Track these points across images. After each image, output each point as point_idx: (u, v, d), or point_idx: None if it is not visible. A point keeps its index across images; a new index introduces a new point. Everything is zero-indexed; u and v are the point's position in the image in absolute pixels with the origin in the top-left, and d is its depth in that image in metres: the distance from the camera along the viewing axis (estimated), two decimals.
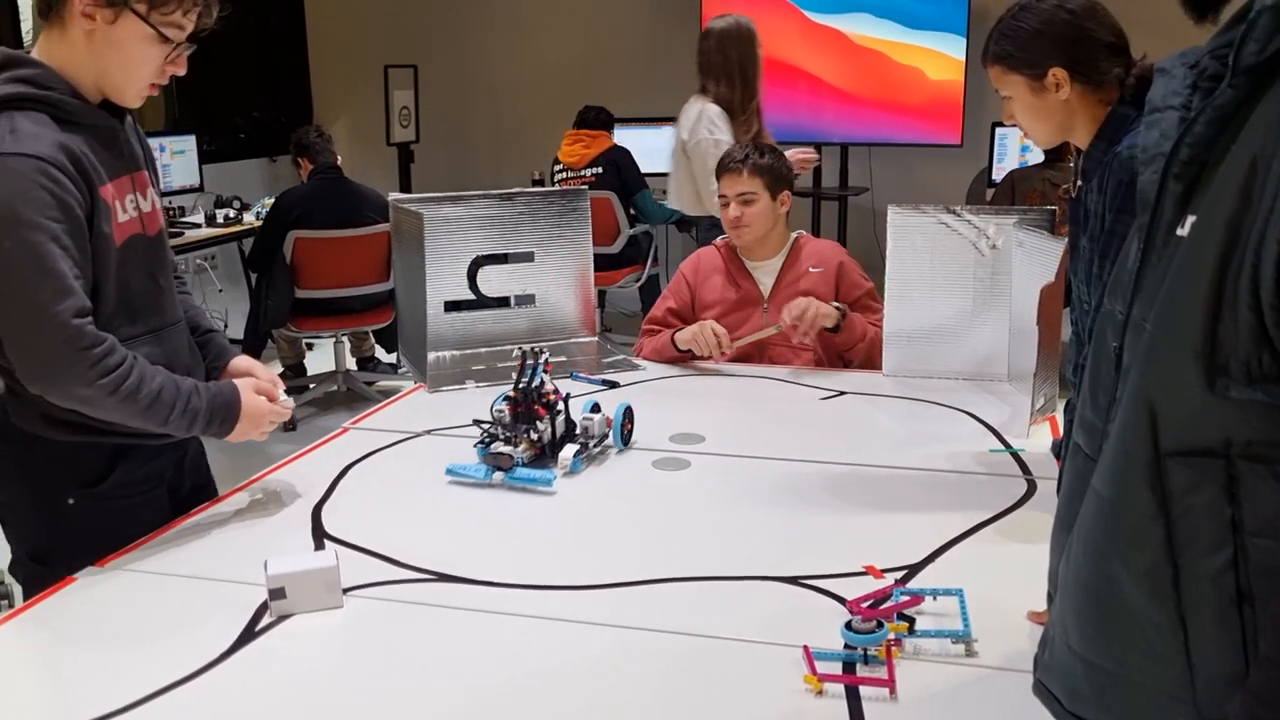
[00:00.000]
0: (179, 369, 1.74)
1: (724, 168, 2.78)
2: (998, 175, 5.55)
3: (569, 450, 1.97)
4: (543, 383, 2.01)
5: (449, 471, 1.93)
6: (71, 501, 1.70)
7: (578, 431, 2.05)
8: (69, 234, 1.55)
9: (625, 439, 2.09)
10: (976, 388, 2.49)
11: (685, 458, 2.06)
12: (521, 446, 1.94)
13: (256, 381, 1.80)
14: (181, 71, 1.68)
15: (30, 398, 1.62)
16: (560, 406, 2.02)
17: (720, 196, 2.79)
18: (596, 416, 2.05)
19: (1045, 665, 1.05)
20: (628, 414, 2.11)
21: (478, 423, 2.08)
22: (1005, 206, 3.60)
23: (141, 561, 1.65)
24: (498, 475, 1.90)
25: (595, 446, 2.04)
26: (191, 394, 1.67)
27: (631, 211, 5.64)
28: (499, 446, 1.92)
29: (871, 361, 2.67)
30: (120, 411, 1.61)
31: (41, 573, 1.65)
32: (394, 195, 2.89)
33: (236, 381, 1.77)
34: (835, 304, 2.64)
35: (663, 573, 1.59)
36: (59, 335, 1.53)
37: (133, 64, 1.63)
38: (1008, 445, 2.10)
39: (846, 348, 2.69)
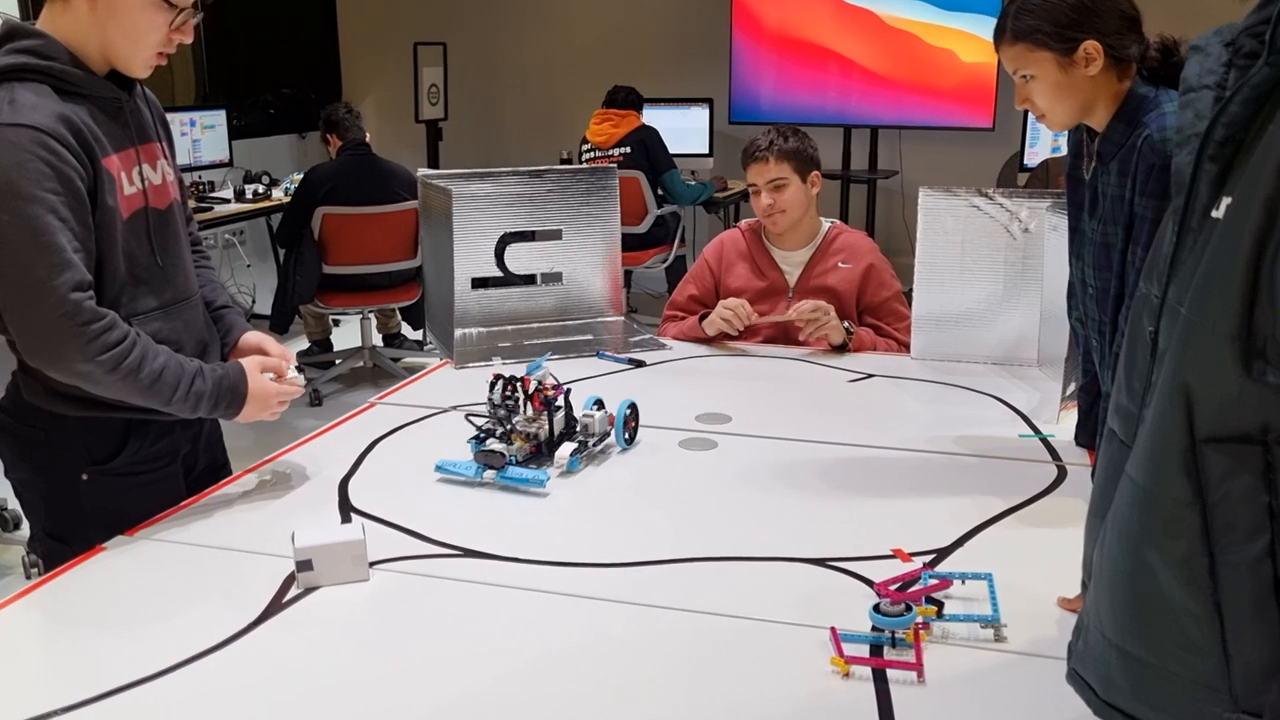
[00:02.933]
0: (191, 345, 1.74)
1: (749, 156, 2.72)
2: (1030, 160, 5.50)
3: (566, 449, 1.86)
4: (543, 376, 1.92)
5: (438, 468, 1.84)
6: (85, 478, 1.69)
7: (578, 429, 1.94)
8: (68, 206, 1.52)
9: (630, 438, 1.98)
10: (1006, 372, 2.47)
11: (712, 438, 2.05)
12: (516, 444, 1.85)
13: (264, 360, 1.78)
14: (188, 39, 1.66)
15: (39, 373, 1.61)
16: (560, 402, 1.91)
17: (750, 185, 2.75)
18: (598, 414, 1.94)
19: (1079, 654, 1.04)
20: (632, 411, 1.99)
21: (470, 419, 2.01)
22: (1038, 190, 3.55)
23: (170, 532, 1.66)
24: (488, 474, 1.81)
25: (595, 445, 1.93)
26: (196, 376, 1.65)
27: (659, 192, 5.62)
28: (492, 444, 1.83)
29: None
30: (121, 389, 1.59)
31: (59, 549, 1.66)
32: (423, 171, 2.88)
33: (244, 361, 1.75)
34: (845, 325, 2.63)
35: (689, 552, 1.59)
36: (57, 310, 1.51)
37: (137, 32, 1.61)
38: (1037, 430, 2.08)
39: (854, 350, 2.67)
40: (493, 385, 1.89)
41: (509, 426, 1.87)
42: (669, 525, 1.69)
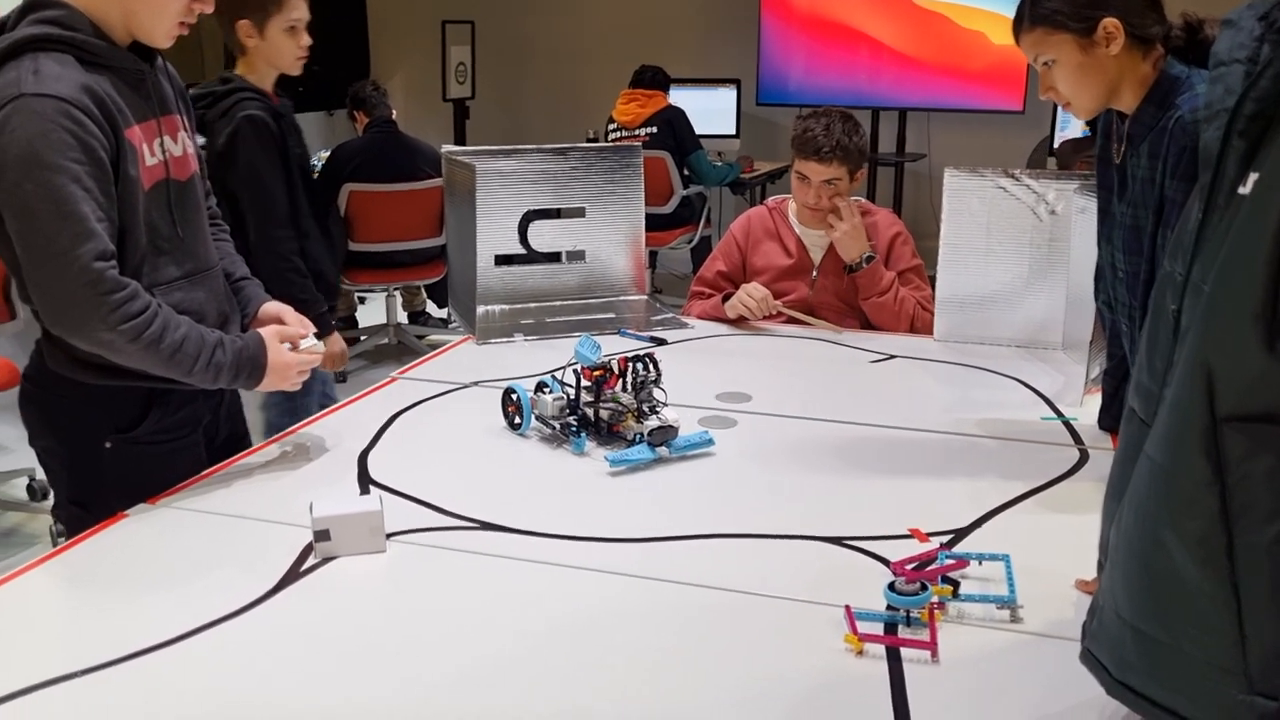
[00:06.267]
0: (212, 315, 1.75)
1: (807, 149, 2.61)
2: (1060, 144, 5.44)
3: (658, 420, 1.83)
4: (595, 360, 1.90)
5: (610, 462, 1.79)
6: (108, 445, 1.71)
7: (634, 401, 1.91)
8: (92, 176, 1.53)
9: (655, 445, 1.83)
10: (1029, 355, 2.45)
11: (731, 416, 2.05)
12: (629, 423, 1.87)
13: (283, 330, 1.79)
14: (209, 9, 1.67)
15: (62, 342, 1.63)
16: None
17: (797, 172, 2.69)
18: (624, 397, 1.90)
19: (1093, 633, 1.03)
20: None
21: (570, 412, 1.91)
22: (1067, 171, 3.52)
23: (190, 500, 1.67)
24: (661, 450, 1.81)
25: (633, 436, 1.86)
26: (216, 346, 1.66)
27: (685, 172, 5.60)
28: (653, 421, 1.82)
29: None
30: (142, 359, 1.60)
31: (82, 516, 1.67)
32: (447, 147, 2.88)
33: (264, 331, 1.75)
34: (870, 255, 2.63)
35: (705, 528, 1.58)
36: (80, 279, 1.53)
37: (159, 2, 1.61)
38: (1060, 413, 2.06)
39: (865, 295, 2.65)
40: (556, 382, 1.94)
41: (609, 413, 1.89)
42: (686, 501, 1.69)
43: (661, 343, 2.53)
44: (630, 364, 1.91)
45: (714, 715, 1.17)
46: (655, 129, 5.54)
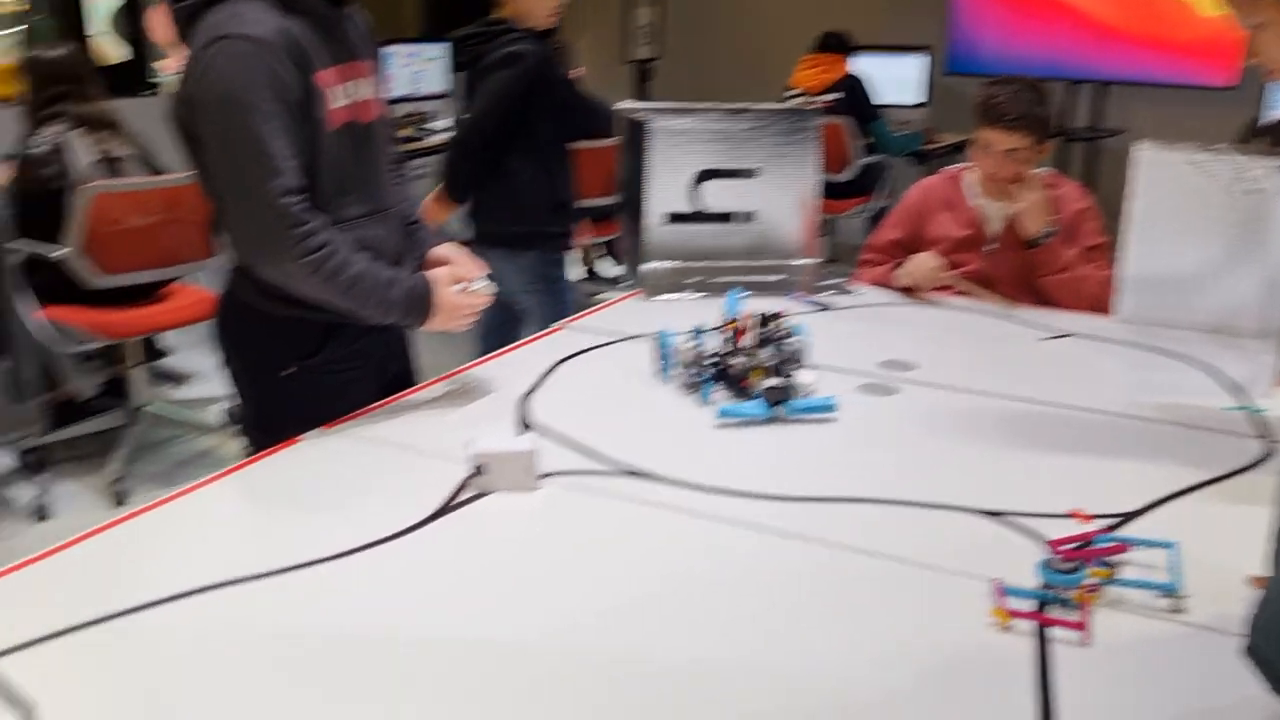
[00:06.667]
0: (388, 255, 1.82)
1: (992, 116, 2.53)
2: (1262, 123, 5.09)
3: (802, 377, 1.85)
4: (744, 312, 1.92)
5: (721, 414, 1.79)
6: (288, 373, 1.81)
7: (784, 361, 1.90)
8: (284, 115, 1.62)
9: (771, 404, 1.82)
10: (1216, 341, 2.32)
11: (894, 384, 2.01)
12: (756, 379, 1.85)
13: (454, 271, 1.84)
14: None
15: (251, 273, 1.73)
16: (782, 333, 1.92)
17: (978, 139, 2.59)
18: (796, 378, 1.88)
19: (1260, 627, 0.98)
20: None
21: (707, 363, 1.92)
22: (1272, 149, 3.29)
23: (359, 429, 1.75)
24: (777, 409, 1.79)
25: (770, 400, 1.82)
26: (389, 285, 1.73)
27: (865, 141, 5.49)
28: (772, 380, 1.82)
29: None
30: (320, 291, 1.69)
31: (262, 438, 1.77)
32: (621, 104, 2.90)
33: (435, 274, 1.81)
34: (1052, 229, 2.53)
35: (856, 492, 1.57)
36: (268, 213, 1.62)
37: None
38: (1246, 404, 1.95)
39: (1044, 272, 2.55)
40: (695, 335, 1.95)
41: (740, 364, 1.88)
42: (840, 464, 1.68)
43: (827, 308, 2.50)
44: (762, 321, 1.91)
45: (850, 676, 1.16)
46: (837, 95, 5.45)
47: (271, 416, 1.82)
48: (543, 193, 3.27)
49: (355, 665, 1.15)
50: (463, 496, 1.52)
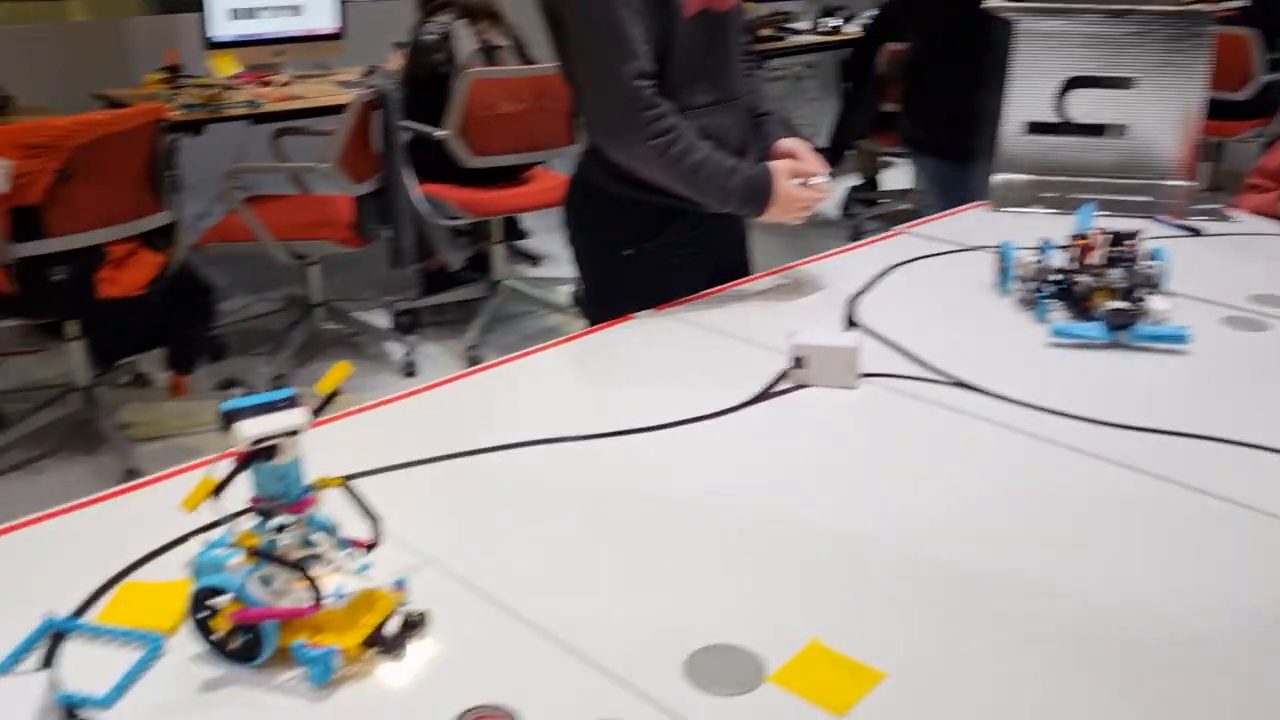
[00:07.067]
0: (732, 143, 1.84)
1: None
2: None
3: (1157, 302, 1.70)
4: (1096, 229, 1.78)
5: (1055, 333, 1.70)
6: (627, 254, 1.89)
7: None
8: (642, 1, 1.68)
9: (1113, 327, 1.69)
10: None
11: (1264, 319, 1.82)
12: (1099, 301, 1.72)
13: (795, 165, 1.84)
14: None
15: (601, 154, 1.81)
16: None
17: None
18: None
19: None
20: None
21: (1050, 279, 1.83)
22: None
23: (689, 314, 1.81)
24: (1119, 334, 1.68)
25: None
26: (730, 172, 1.76)
27: (1273, 56, 4.90)
28: (1116, 303, 1.70)
29: None
30: (663, 175, 1.75)
31: (597, 314, 1.87)
32: (991, 4, 2.75)
33: (775, 165, 1.82)
34: None
35: (1202, 429, 1.44)
36: (621, 95, 1.69)
37: None
38: None
39: None
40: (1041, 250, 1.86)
41: (1084, 283, 1.78)
42: (1182, 396, 1.55)
43: (1196, 233, 2.29)
44: (1114, 239, 1.77)
45: (1168, 616, 1.09)
46: (1242, 3, 4.87)
47: (609, 294, 1.92)
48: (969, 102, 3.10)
49: (658, 528, 1.21)
50: (781, 386, 1.55)
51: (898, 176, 5.52)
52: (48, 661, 0.99)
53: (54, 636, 1.02)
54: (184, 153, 3.33)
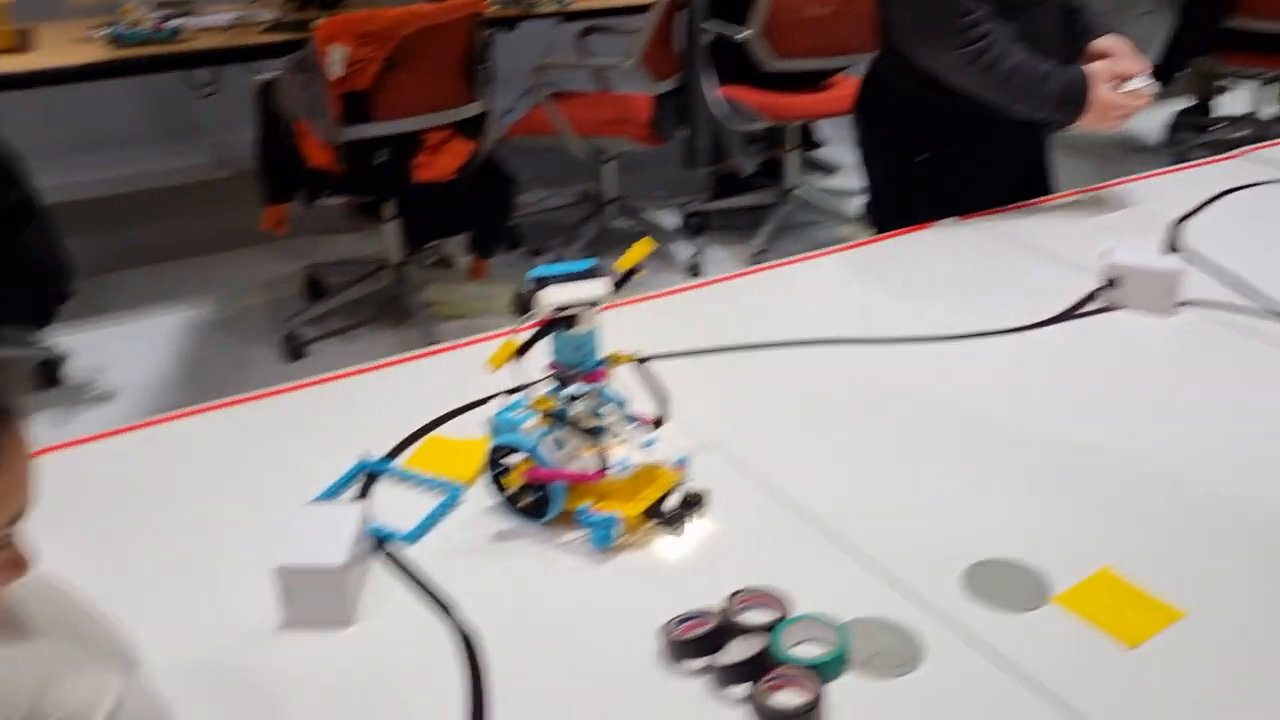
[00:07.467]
0: (1046, 47, 1.72)
1: None
2: None
3: None
4: None
5: None
6: (921, 158, 1.82)
7: None
8: None
9: None
10: None
11: None
12: None
13: (1113, 67, 1.70)
14: None
15: (903, 57, 1.74)
16: None
17: None
18: None
19: None
20: None
21: None
22: None
23: (989, 224, 1.74)
24: None
25: None
26: (1044, 79, 1.67)
27: None
28: None
29: None
30: (974, 82, 1.67)
31: (885, 221, 1.83)
32: None
33: (1092, 68, 1.69)
34: None
35: None
36: (937, 2, 1.63)
37: None
38: None
39: None
40: None
41: None
42: None
43: None
44: None
45: None
46: None
47: (898, 202, 1.87)
48: None
49: (942, 437, 1.17)
50: (1090, 307, 1.46)
51: (1236, 100, 5.02)
52: (363, 494, 1.08)
53: (368, 475, 1.11)
54: (496, 47, 3.46)
